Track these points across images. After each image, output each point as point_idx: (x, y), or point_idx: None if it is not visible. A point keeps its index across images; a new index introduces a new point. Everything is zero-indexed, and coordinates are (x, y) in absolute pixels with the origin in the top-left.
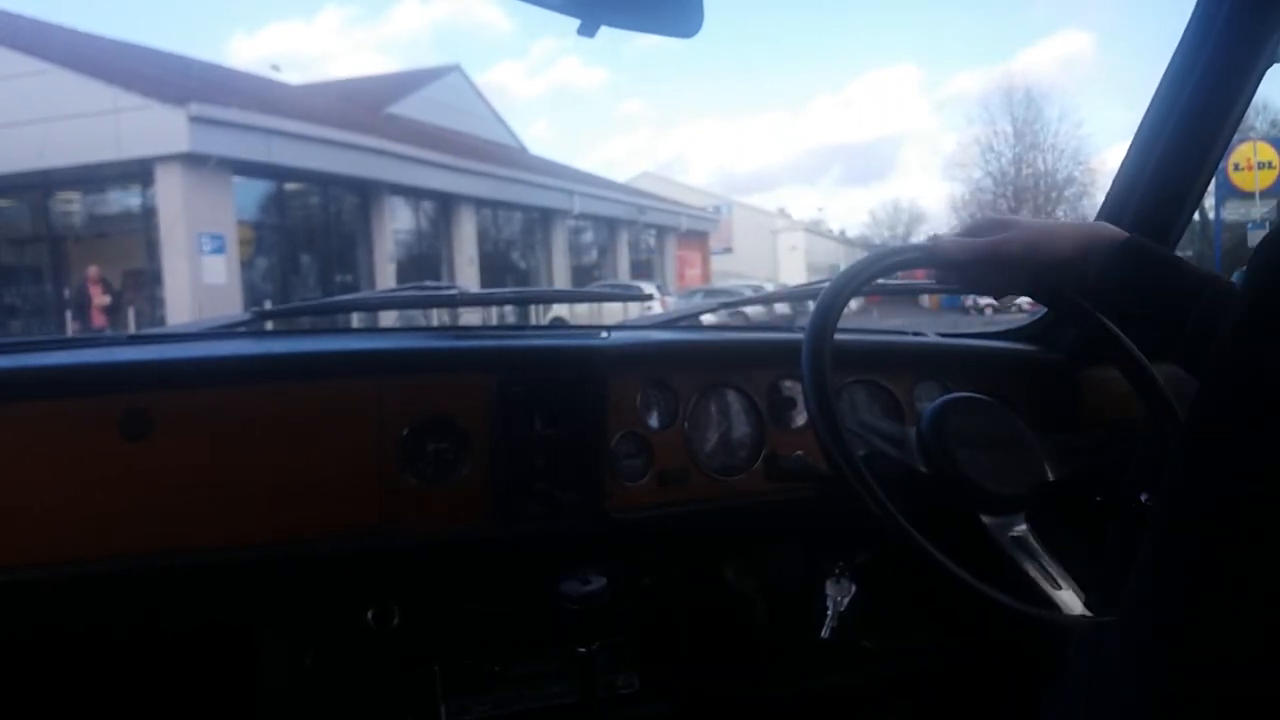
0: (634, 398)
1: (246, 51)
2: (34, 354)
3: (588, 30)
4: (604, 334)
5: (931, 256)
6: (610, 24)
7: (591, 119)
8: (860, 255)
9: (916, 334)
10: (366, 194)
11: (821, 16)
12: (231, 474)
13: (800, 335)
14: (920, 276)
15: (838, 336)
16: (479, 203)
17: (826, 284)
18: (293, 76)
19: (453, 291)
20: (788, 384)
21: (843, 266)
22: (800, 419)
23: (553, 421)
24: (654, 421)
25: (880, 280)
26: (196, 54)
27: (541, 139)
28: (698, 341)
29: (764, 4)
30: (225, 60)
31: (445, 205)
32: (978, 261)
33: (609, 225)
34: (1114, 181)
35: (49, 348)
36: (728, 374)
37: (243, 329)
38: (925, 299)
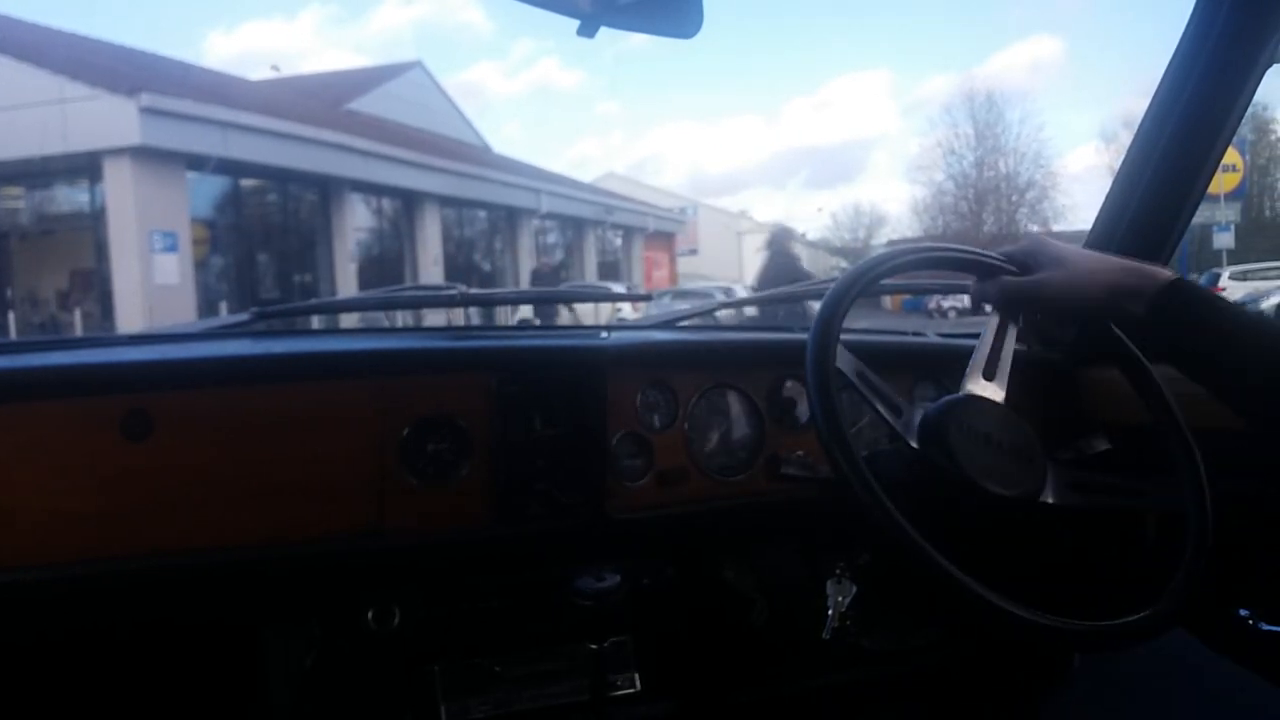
0: (634, 398)
1: (224, 49)
2: (34, 354)
3: (588, 30)
4: (604, 334)
5: (980, 289)
6: (610, 25)
7: (568, 120)
8: (823, 258)
9: (916, 334)
10: (326, 191)
11: (801, 20)
12: (231, 474)
13: (801, 336)
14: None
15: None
16: (443, 201)
17: (831, 284)
18: (269, 75)
19: (453, 292)
20: (788, 384)
21: (806, 268)
22: (801, 419)
23: (553, 421)
24: (654, 421)
25: (883, 280)
26: (172, 52)
27: (515, 139)
28: (698, 341)
29: (746, 7)
30: (202, 58)
31: (408, 203)
32: (1017, 300)
33: (576, 225)
34: (1115, 180)
35: (49, 348)
36: (728, 374)
37: (243, 329)
38: (887, 300)
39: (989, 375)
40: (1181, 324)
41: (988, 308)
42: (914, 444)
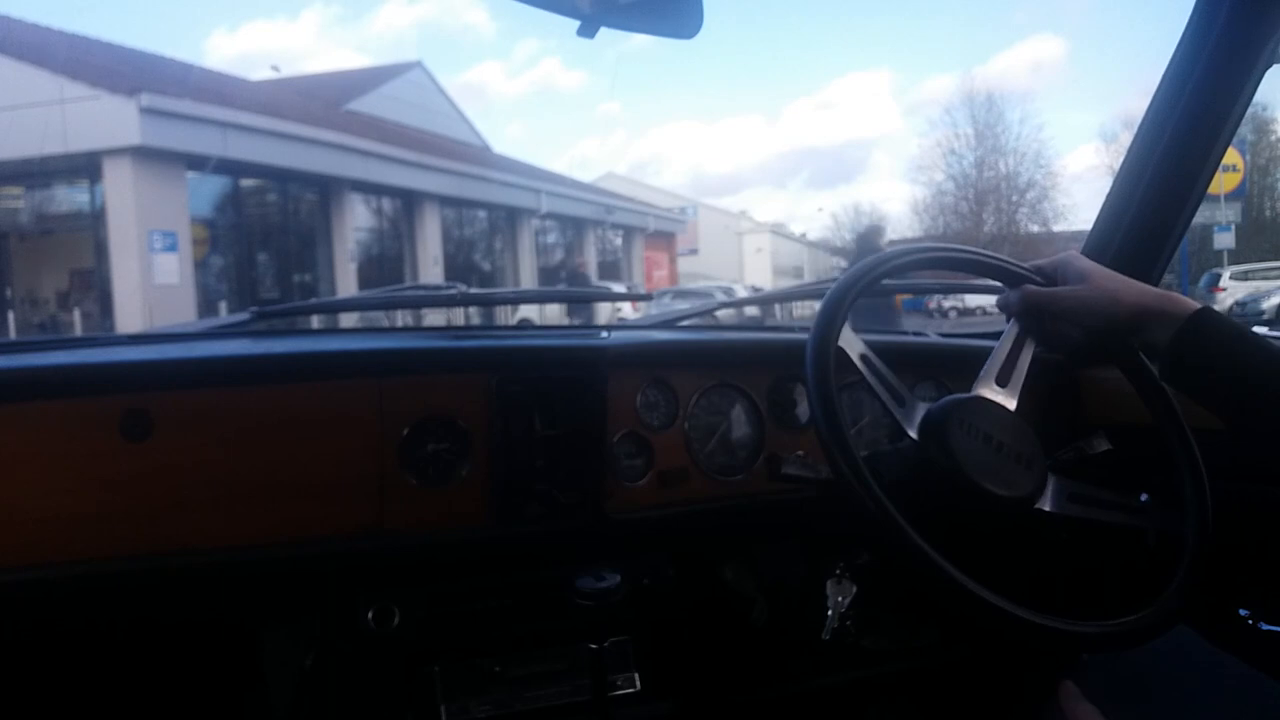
0: (634, 398)
1: (227, 49)
2: (34, 354)
3: (587, 31)
4: (604, 334)
5: (1004, 296)
6: (610, 25)
7: (570, 120)
8: (823, 258)
9: (917, 334)
10: (326, 191)
11: (803, 20)
12: (231, 474)
13: (801, 336)
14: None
15: None
16: (443, 201)
17: (832, 283)
18: (269, 75)
19: (453, 291)
20: (789, 384)
21: (805, 268)
22: (801, 419)
23: (553, 421)
24: (654, 421)
25: (885, 280)
26: (175, 52)
27: (517, 139)
28: (698, 341)
29: (747, 7)
30: (205, 58)
31: (408, 203)
32: (1039, 309)
33: (576, 225)
34: (1116, 180)
35: (49, 348)
36: (728, 374)
37: (242, 329)
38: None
39: (1002, 382)
40: (1207, 353)
41: (986, 306)
42: (913, 434)
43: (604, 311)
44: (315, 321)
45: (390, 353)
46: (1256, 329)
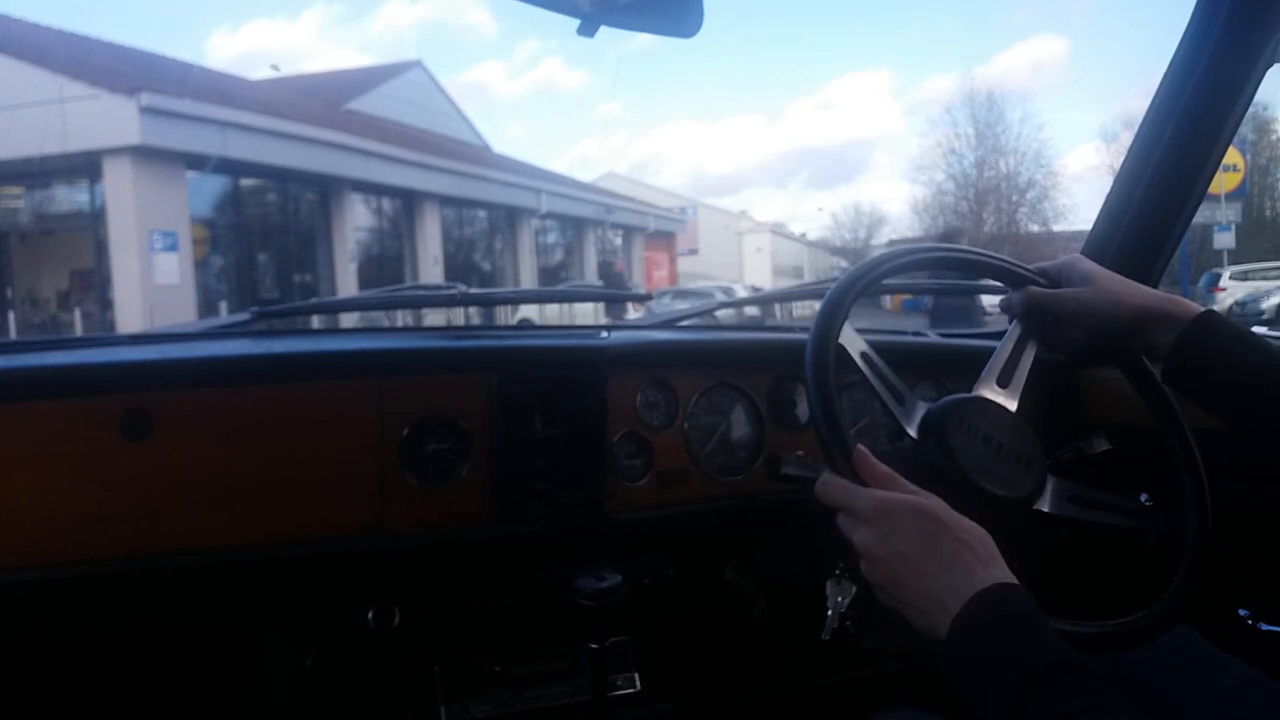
0: (634, 398)
1: (227, 49)
2: (34, 354)
3: (587, 30)
4: (604, 334)
5: (1007, 298)
6: (610, 24)
7: (570, 120)
8: (823, 258)
9: (917, 334)
10: (326, 191)
11: (804, 19)
12: (231, 474)
13: (801, 336)
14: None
15: None
16: (443, 201)
17: (832, 283)
18: (269, 75)
19: (453, 291)
20: (788, 384)
21: (805, 268)
22: (801, 419)
23: (553, 421)
24: (654, 421)
25: (885, 280)
26: (176, 52)
27: (518, 139)
28: (698, 341)
29: (747, 7)
30: (205, 58)
31: (408, 203)
32: (1042, 311)
33: (576, 225)
34: (1116, 180)
35: (49, 348)
36: (728, 374)
37: (243, 329)
38: (887, 300)
39: (1003, 383)
40: (1209, 356)
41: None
42: (912, 434)
43: (603, 312)
44: (315, 321)
45: (390, 353)
46: (1256, 329)
